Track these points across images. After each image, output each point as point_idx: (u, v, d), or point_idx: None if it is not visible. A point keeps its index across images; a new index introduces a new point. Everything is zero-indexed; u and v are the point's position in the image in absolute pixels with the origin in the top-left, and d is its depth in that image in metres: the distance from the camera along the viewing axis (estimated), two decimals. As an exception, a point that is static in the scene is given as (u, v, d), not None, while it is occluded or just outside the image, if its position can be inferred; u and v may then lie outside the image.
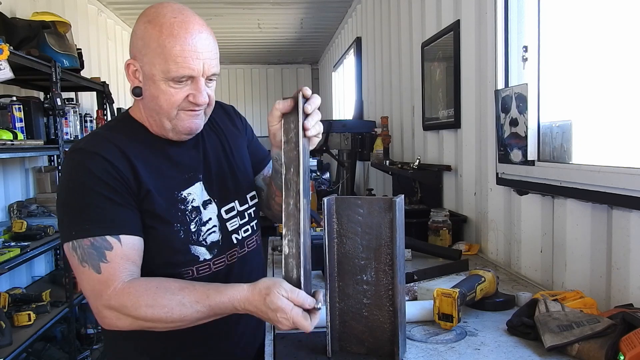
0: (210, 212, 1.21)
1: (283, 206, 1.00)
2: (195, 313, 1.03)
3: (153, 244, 1.14)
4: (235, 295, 1.02)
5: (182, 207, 1.16)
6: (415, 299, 1.46)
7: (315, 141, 1.07)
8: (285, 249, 1.00)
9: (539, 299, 1.26)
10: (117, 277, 1.04)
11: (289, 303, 0.98)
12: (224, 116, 1.36)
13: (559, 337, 1.11)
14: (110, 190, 1.08)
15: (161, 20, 1.08)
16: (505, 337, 1.23)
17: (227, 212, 1.24)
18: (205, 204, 1.21)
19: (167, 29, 1.07)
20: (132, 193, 1.11)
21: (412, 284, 1.57)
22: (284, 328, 0.99)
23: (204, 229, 1.18)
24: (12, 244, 2.60)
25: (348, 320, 1.13)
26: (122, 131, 1.18)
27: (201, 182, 1.21)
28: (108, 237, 1.05)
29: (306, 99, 1.01)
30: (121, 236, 1.06)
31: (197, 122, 1.17)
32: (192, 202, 1.17)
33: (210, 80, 1.14)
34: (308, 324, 0.99)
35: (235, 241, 1.26)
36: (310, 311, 1.00)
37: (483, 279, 1.36)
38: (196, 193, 1.19)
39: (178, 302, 1.02)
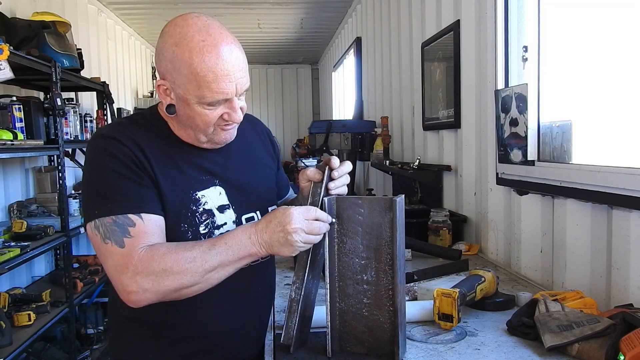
0: (227, 217, 1.21)
1: (298, 256, 1.14)
2: (215, 256, 1.06)
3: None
4: (247, 225, 1.10)
5: (194, 207, 1.17)
6: (415, 299, 1.46)
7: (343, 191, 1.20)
8: (292, 294, 1.12)
9: (539, 299, 1.26)
10: (139, 247, 1.06)
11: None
12: (259, 133, 1.40)
13: (559, 337, 1.11)
14: (131, 170, 1.10)
15: (190, 45, 1.06)
16: (505, 337, 1.23)
17: (247, 220, 1.25)
18: (221, 208, 1.21)
19: (198, 55, 1.05)
20: (150, 179, 1.13)
21: (412, 284, 1.57)
22: (298, 238, 1.04)
23: (217, 232, 1.18)
24: (12, 244, 2.59)
25: (348, 320, 1.13)
26: (146, 127, 1.19)
27: (218, 187, 1.21)
28: (130, 215, 1.07)
29: (332, 169, 1.15)
30: (142, 214, 1.08)
31: (232, 132, 1.20)
32: (204, 204, 1.18)
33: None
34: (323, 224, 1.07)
35: None
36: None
37: (483, 279, 1.36)
38: (210, 196, 1.19)
39: (199, 251, 1.06)
